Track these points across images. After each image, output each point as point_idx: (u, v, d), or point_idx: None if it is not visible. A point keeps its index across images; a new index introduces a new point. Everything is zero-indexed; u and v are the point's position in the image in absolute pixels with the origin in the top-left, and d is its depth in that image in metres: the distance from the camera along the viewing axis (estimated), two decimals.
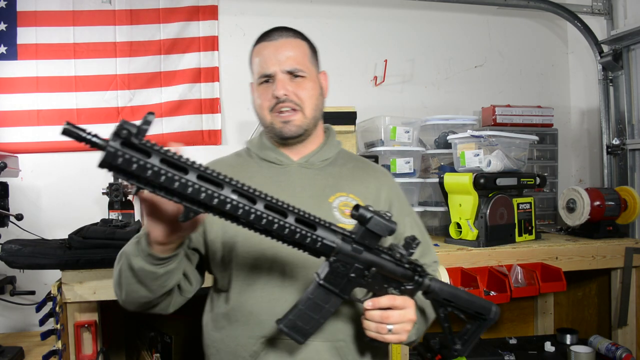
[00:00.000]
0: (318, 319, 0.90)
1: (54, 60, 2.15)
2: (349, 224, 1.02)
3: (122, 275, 0.96)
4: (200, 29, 2.31)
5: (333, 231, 0.85)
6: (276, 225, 0.78)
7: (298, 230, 0.80)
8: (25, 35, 2.13)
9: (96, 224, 1.70)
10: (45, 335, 1.48)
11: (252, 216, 0.75)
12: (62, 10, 2.16)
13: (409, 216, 1.17)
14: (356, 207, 0.85)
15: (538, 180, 2.05)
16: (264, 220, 0.76)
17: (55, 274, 1.58)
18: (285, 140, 1.12)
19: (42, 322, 1.52)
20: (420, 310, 1.05)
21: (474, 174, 1.88)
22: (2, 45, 2.11)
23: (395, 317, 0.90)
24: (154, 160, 0.68)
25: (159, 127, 2.24)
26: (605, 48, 2.49)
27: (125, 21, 2.22)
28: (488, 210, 1.89)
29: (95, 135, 0.67)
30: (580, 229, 2.12)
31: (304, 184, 1.10)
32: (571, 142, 2.74)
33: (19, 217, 1.67)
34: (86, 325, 1.54)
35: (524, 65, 2.72)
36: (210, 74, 2.31)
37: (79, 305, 1.54)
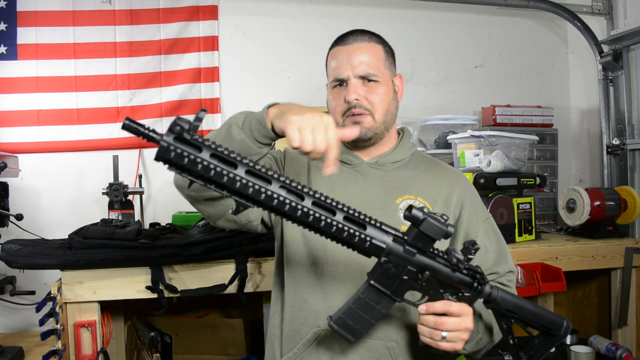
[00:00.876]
0: (369, 319, 0.89)
1: (54, 60, 2.15)
2: None
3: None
4: (200, 29, 2.31)
5: (384, 231, 0.83)
6: (323, 223, 0.78)
7: (346, 228, 0.79)
8: (25, 35, 2.13)
9: (96, 224, 1.70)
10: (45, 335, 1.48)
11: (299, 212, 0.76)
12: (62, 10, 2.16)
13: (484, 222, 1.15)
14: (409, 209, 0.83)
15: (538, 180, 2.05)
16: (311, 217, 0.77)
17: (55, 274, 1.58)
18: (355, 142, 1.12)
19: (42, 322, 1.52)
20: (487, 326, 1.03)
21: (474, 174, 1.88)
22: (2, 45, 2.11)
23: (451, 324, 0.88)
24: (205, 155, 0.71)
25: (159, 127, 2.24)
26: (605, 48, 2.48)
27: (125, 21, 2.22)
28: (488, 211, 1.89)
29: (153, 130, 0.71)
30: (580, 229, 2.12)
31: (372, 184, 1.11)
32: (571, 142, 2.74)
33: (19, 217, 1.67)
34: (86, 325, 1.54)
35: (524, 65, 2.72)
36: (210, 74, 2.31)
37: (79, 305, 1.54)
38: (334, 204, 0.79)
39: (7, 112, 2.11)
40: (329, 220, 0.78)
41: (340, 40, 1.14)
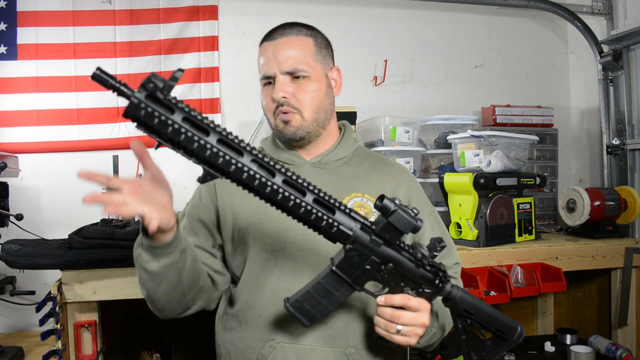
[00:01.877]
0: (327, 305, 0.87)
1: (54, 60, 2.15)
2: None
3: (143, 283, 0.97)
4: (200, 29, 2.31)
5: (352, 218, 0.82)
6: (292, 203, 0.75)
7: (315, 211, 0.77)
8: (25, 35, 2.12)
9: (96, 224, 1.70)
10: (45, 335, 1.48)
11: (268, 189, 0.73)
12: (62, 10, 2.16)
13: (429, 215, 1.14)
14: (381, 198, 0.81)
15: (538, 180, 2.05)
16: (280, 196, 0.74)
17: (55, 274, 1.58)
18: (288, 142, 1.10)
19: (42, 322, 1.52)
20: (440, 323, 1.01)
21: (474, 174, 1.88)
22: (2, 45, 2.11)
23: (407, 318, 0.87)
24: (176, 117, 0.68)
25: None
26: (605, 48, 2.48)
27: (125, 21, 2.22)
28: (488, 210, 1.89)
29: (124, 85, 0.68)
30: (580, 229, 2.12)
31: (317, 184, 1.09)
32: (571, 142, 2.74)
33: (19, 217, 1.67)
34: (86, 325, 1.54)
35: (524, 65, 2.72)
36: (210, 74, 2.31)
37: (79, 305, 1.54)
38: (305, 184, 0.77)
39: (7, 112, 2.11)
40: (297, 201, 0.76)
41: (268, 35, 1.10)
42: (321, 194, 0.79)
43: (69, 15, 2.16)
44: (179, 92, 2.27)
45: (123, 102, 2.22)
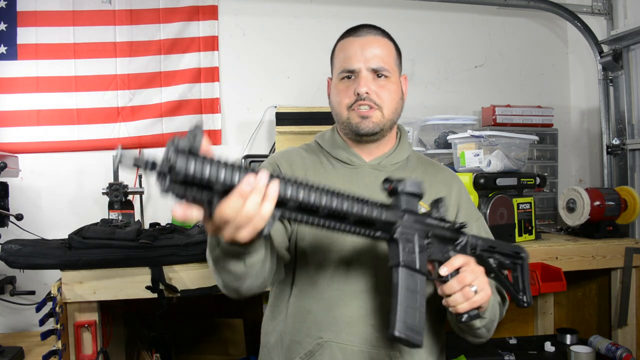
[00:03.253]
0: (418, 308, 0.83)
1: (54, 60, 2.15)
2: None
3: (225, 284, 0.91)
4: (200, 29, 2.31)
5: (385, 206, 0.80)
6: (345, 205, 0.73)
7: (364, 204, 0.76)
8: (25, 35, 2.12)
9: (96, 224, 1.70)
10: (45, 335, 1.48)
11: (324, 201, 0.71)
12: (62, 10, 2.16)
13: (477, 221, 1.14)
14: (386, 180, 0.83)
15: (538, 180, 2.05)
16: (335, 203, 0.72)
17: (55, 274, 1.58)
18: (360, 137, 1.09)
19: (42, 322, 1.52)
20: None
21: (474, 174, 1.88)
22: (2, 45, 2.11)
23: (469, 273, 0.86)
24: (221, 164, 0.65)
25: (159, 127, 2.24)
26: (605, 48, 2.48)
27: (125, 21, 2.22)
28: (488, 210, 1.89)
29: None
30: (580, 229, 2.12)
31: (375, 187, 1.06)
32: (571, 142, 2.74)
33: (19, 217, 1.67)
34: (86, 325, 1.54)
35: (524, 65, 2.72)
36: (210, 74, 2.31)
37: (79, 305, 1.54)
38: (346, 193, 0.75)
39: (7, 112, 2.11)
40: (349, 200, 0.74)
41: (352, 31, 1.09)
42: (359, 197, 0.77)
43: (69, 15, 2.16)
44: (179, 92, 2.27)
45: (123, 102, 2.22)
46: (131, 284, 1.54)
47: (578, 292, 2.31)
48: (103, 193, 1.90)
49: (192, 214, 0.64)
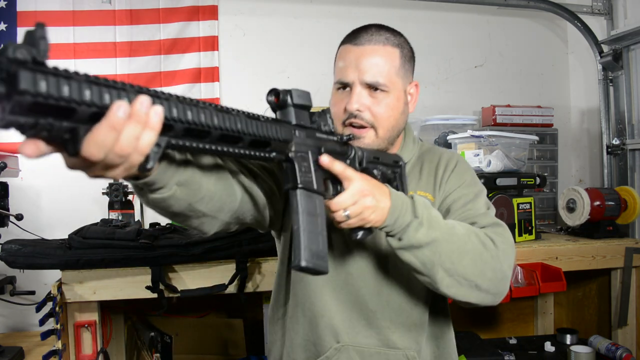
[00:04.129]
0: (320, 232, 0.77)
1: (54, 60, 2.15)
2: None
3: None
4: (200, 29, 2.31)
5: (276, 123, 0.72)
6: (229, 122, 0.65)
7: (253, 121, 0.68)
8: None
9: (96, 224, 1.70)
10: (45, 335, 1.48)
11: (215, 119, 0.62)
12: (62, 10, 2.16)
13: (472, 195, 1.03)
14: (271, 92, 0.77)
15: (538, 180, 2.05)
16: (215, 120, 0.62)
17: (55, 274, 1.58)
18: None
19: (42, 322, 1.52)
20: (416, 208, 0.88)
21: None
22: (2, 45, 2.11)
23: (345, 197, 0.79)
24: (81, 77, 0.50)
25: None
26: (605, 48, 2.48)
27: (125, 21, 2.22)
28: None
29: None
30: (580, 229, 2.12)
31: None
32: (571, 142, 2.74)
33: (19, 217, 1.67)
34: (86, 325, 1.54)
35: (524, 65, 2.72)
36: (210, 74, 2.31)
37: (79, 305, 1.54)
38: (234, 110, 0.67)
39: None
40: (233, 117, 0.66)
41: (353, 37, 0.99)
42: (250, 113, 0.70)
43: (69, 15, 2.16)
44: (179, 92, 2.26)
45: None
46: (131, 284, 1.54)
47: (578, 292, 2.31)
48: (103, 193, 1.90)
49: (44, 149, 0.49)
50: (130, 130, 0.50)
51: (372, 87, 0.96)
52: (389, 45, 0.98)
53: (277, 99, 0.77)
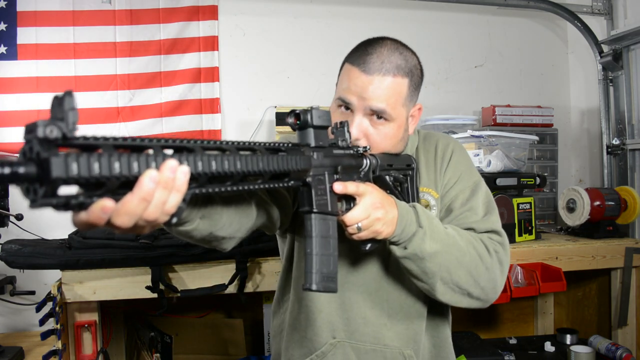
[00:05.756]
0: (332, 253, 0.80)
1: (54, 60, 2.15)
2: None
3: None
4: (200, 29, 2.31)
5: (300, 148, 0.75)
6: (251, 164, 0.63)
7: (273, 158, 0.68)
8: (25, 35, 2.12)
9: None
10: (45, 335, 1.48)
11: (239, 165, 0.61)
12: (62, 10, 2.16)
13: (468, 187, 1.04)
14: (292, 114, 0.79)
15: (538, 180, 2.05)
16: (238, 164, 0.61)
17: (55, 274, 1.58)
18: None
19: (42, 322, 1.52)
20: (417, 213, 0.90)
21: None
22: (2, 45, 2.11)
23: (358, 211, 0.81)
24: (109, 150, 0.49)
25: (159, 127, 2.24)
26: (605, 48, 2.48)
27: (125, 21, 2.22)
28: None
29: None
30: (580, 229, 2.12)
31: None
32: (571, 142, 2.74)
33: (19, 217, 1.67)
34: (86, 325, 1.54)
35: (524, 65, 2.72)
36: (210, 74, 2.31)
37: (79, 305, 1.54)
38: (252, 146, 0.67)
39: (7, 112, 2.10)
40: (254, 159, 0.64)
41: (362, 61, 0.94)
42: (267, 144, 0.70)
43: (69, 15, 2.16)
44: (179, 92, 2.27)
45: (123, 102, 2.22)
46: (131, 284, 1.55)
47: (578, 292, 2.31)
48: None
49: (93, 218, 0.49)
50: (159, 196, 0.52)
51: (375, 115, 0.94)
52: (399, 75, 0.94)
53: (297, 120, 0.79)
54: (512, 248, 1.89)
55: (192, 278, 1.59)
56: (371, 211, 0.82)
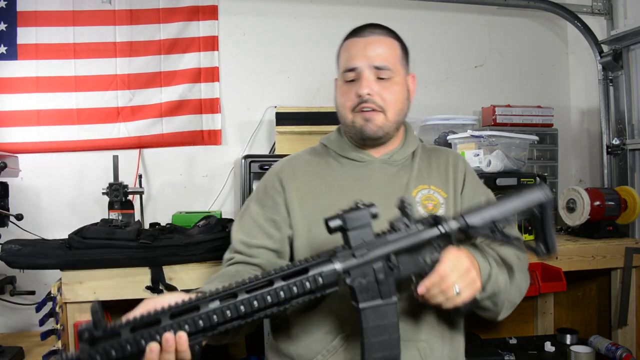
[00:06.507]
0: (390, 336, 0.83)
1: (54, 60, 2.15)
2: None
3: None
4: (200, 29, 2.31)
5: (325, 260, 0.80)
6: (270, 297, 0.74)
7: (292, 284, 0.76)
8: (25, 35, 2.12)
9: (96, 224, 1.70)
10: (45, 335, 1.48)
11: (243, 308, 0.73)
12: (62, 10, 2.16)
13: (484, 195, 1.15)
14: (325, 222, 0.81)
15: (538, 180, 2.05)
16: (255, 303, 0.74)
17: (55, 274, 1.58)
18: (364, 141, 1.09)
19: (42, 322, 1.52)
20: (496, 260, 1.00)
21: None
22: (2, 45, 2.11)
23: (453, 276, 0.85)
24: (126, 334, 0.69)
25: (159, 127, 2.24)
26: (605, 48, 2.48)
27: (125, 21, 2.22)
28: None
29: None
30: (580, 229, 2.12)
31: (386, 180, 1.09)
32: (571, 142, 2.74)
33: (19, 217, 1.67)
34: None
35: (524, 65, 2.72)
36: (210, 74, 2.31)
37: (79, 305, 1.54)
38: (265, 276, 0.76)
39: (7, 112, 2.11)
40: (272, 291, 0.75)
41: (356, 32, 1.10)
42: (285, 269, 0.77)
43: (69, 15, 2.16)
44: (179, 92, 2.27)
45: (123, 102, 2.22)
46: (131, 284, 1.54)
47: (578, 292, 2.31)
48: (103, 193, 1.90)
49: None
50: (167, 358, 0.70)
51: (379, 75, 1.04)
52: (390, 37, 1.10)
53: (330, 230, 0.81)
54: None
55: (192, 278, 1.59)
56: (464, 272, 0.87)
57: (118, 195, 1.88)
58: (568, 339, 2.16)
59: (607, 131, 2.49)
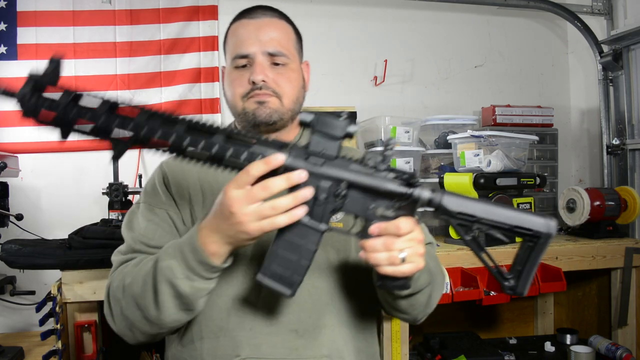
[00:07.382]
0: (298, 259, 0.74)
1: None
2: (336, 221, 0.96)
3: (146, 308, 0.85)
4: (200, 29, 2.31)
5: (275, 146, 0.73)
6: (203, 144, 0.71)
7: (229, 145, 0.71)
8: (25, 35, 2.12)
9: (96, 224, 1.70)
10: (45, 335, 1.48)
11: (173, 141, 0.72)
12: (62, 10, 2.16)
13: None
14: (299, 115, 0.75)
15: (538, 180, 2.05)
16: (187, 140, 0.71)
17: (55, 274, 1.58)
18: (258, 127, 0.96)
19: (42, 322, 1.52)
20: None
21: (474, 174, 1.88)
22: (2, 45, 2.11)
23: (403, 240, 0.73)
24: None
25: None
26: (605, 48, 2.48)
27: (125, 21, 2.22)
28: None
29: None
30: (580, 229, 2.12)
31: None
32: (571, 142, 2.74)
33: (19, 217, 1.68)
34: (86, 325, 1.54)
35: (524, 65, 2.72)
36: (210, 74, 2.31)
37: (79, 305, 1.54)
38: (213, 127, 0.72)
39: (7, 112, 2.11)
40: (207, 141, 0.70)
41: (246, 13, 0.99)
42: (234, 131, 0.72)
43: (69, 15, 2.16)
44: (179, 92, 2.27)
45: (123, 102, 2.21)
46: None
47: (578, 292, 2.31)
48: (103, 193, 1.90)
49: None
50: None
51: (275, 59, 0.95)
52: (283, 20, 1.02)
53: (300, 122, 0.76)
54: (513, 248, 1.89)
55: None
56: (416, 244, 0.75)
57: (118, 195, 1.88)
58: (568, 339, 2.16)
59: (607, 131, 2.49)
